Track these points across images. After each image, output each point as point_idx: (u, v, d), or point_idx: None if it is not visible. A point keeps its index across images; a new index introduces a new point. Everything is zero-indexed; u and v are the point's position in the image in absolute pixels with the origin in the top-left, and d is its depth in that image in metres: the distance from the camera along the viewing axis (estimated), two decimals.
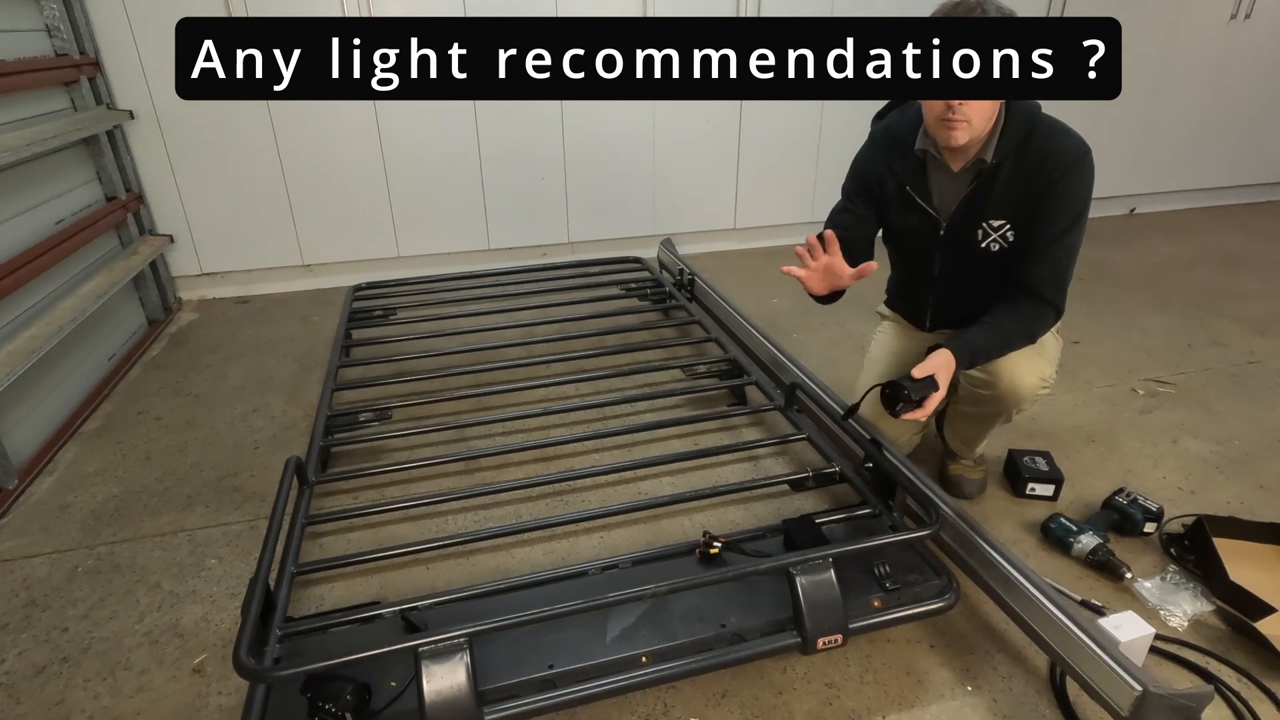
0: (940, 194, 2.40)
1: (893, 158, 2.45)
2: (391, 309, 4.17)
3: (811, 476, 2.68)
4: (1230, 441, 3.13)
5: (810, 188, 5.49)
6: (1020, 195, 2.26)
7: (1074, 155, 2.20)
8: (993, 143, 2.24)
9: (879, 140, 2.53)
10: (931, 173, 2.40)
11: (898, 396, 2.18)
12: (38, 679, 2.13)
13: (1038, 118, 2.25)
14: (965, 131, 2.14)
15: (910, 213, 2.46)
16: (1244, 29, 5.85)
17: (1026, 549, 2.55)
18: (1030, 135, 2.23)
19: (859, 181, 2.56)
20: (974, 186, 2.31)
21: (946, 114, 2.13)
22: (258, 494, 2.88)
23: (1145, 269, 5.14)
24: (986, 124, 2.18)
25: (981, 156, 2.26)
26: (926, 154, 2.37)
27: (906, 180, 2.42)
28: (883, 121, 2.56)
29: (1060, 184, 2.20)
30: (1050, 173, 2.20)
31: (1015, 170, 2.25)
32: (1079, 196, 2.23)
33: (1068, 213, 2.22)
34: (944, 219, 2.41)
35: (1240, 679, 2.08)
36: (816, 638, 1.92)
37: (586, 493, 2.86)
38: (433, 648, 1.72)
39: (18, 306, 3.18)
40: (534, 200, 5.05)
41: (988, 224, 2.33)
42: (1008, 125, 2.23)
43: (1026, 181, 2.24)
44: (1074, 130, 2.25)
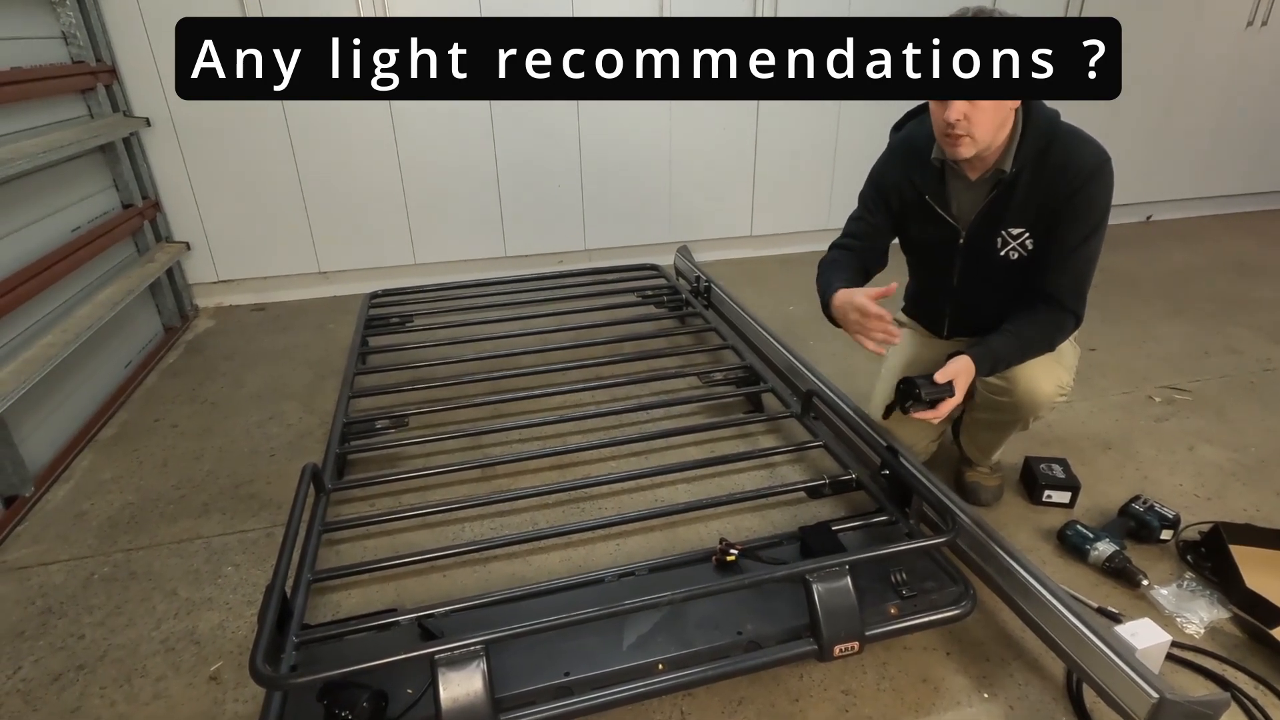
0: (959, 203, 2.40)
1: (911, 168, 2.44)
2: (408, 316, 4.19)
3: (828, 484, 2.67)
4: (1247, 449, 3.11)
5: (827, 195, 5.48)
6: (1039, 204, 2.25)
7: (1093, 164, 2.18)
8: (1011, 152, 2.22)
9: (897, 150, 2.52)
10: (950, 182, 2.40)
11: (910, 394, 2.18)
12: (54, 686, 2.14)
13: (1057, 126, 2.24)
14: (969, 146, 2.14)
15: (930, 222, 2.46)
16: (1261, 36, 5.82)
17: (1043, 556, 2.53)
18: (1050, 144, 2.21)
19: (877, 191, 2.56)
20: (993, 195, 2.30)
21: (946, 129, 2.13)
22: (274, 501, 2.89)
23: (1161, 276, 5.11)
24: (994, 135, 2.17)
25: (1000, 166, 2.25)
26: (944, 163, 2.36)
27: (925, 190, 2.42)
28: (901, 132, 2.55)
29: (1080, 192, 2.19)
30: (1070, 181, 2.19)
31: (1034, 179, 2.23)
32: (1099, 205, 2.21)
33: (1088, 221, 2.21)
34: (963, 228, 2.40)
35: (1257, 686, 2.06)
36: (833, 645, 1.92)
37: (603, 500, 2.86)
38: (449, 655, 1.72)
39: (34, 314, 3.19)
40: (550, 207, 5.06)
41: (1007, 232, 2.33)
42: (1026, 133, 2.22)
43: (1046, 190, 2.23)
44: (1093, 138, 2.24)
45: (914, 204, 2.46)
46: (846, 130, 5.30)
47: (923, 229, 2.50)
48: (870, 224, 2.57)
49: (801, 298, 4.64)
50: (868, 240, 2.57)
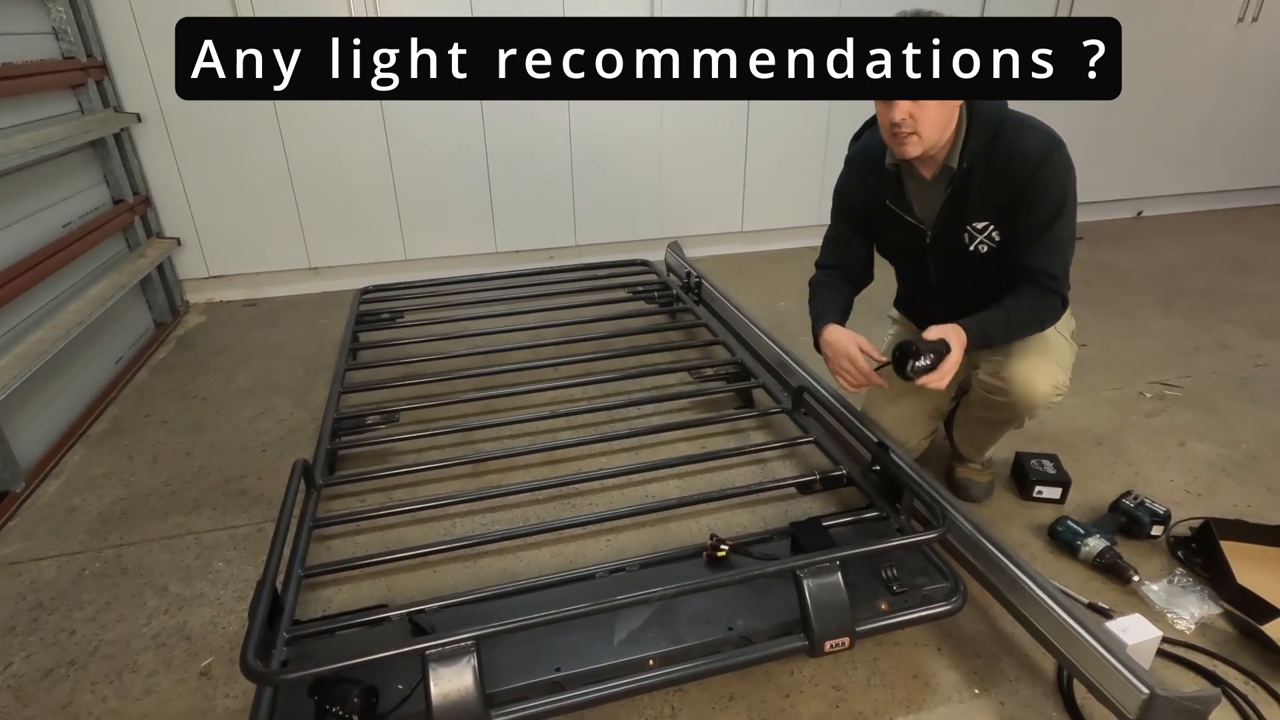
0: (920, 203, 2.41)
1: (869, 176, 2.47)
2: (399, 312, 4.18)
3: (819, 479, 2.67)
4: (1237, 444, 3.12)
5: (818, 190, 5.47)
6: (996, 196, 2.25)
7: (1041, 150, 2.18)
8: (957, 148, 2.24)
9: (855, 162, 2.55)
10: (908, 184, 2.41)
11: (908, 355, 2.18)
12: (45, 681, 2.14)
13: (1005, 117, 2.24)
14: (916, 144, 2.15)
15: (895, 226, 2.47)
16: (1252, 31, 5.84)
17: (1034, 552, 2.54)
18: (996, 136, 2.22)
19: (843, 207, 2.61)
20: (950, 192, 2.30)
21: (892, 129, 2.14)
22: (265, 497, 2.89)
23: (1152, 272, 5.13)
24: (941, 132, 2.18)
25: (948, 163, 2.26)
26: (900, 167, 2.37)
27: (885, 195, 2.43)
28: (859, 142, 2.57)
29: (1034, 179, 2.18)
30: (1020, 170, 2.19)
31: (987, 172, 2.24)
32: (1057, 188, 2.20)
33: (1049, 205, 2.20)
34: (928, 228, 2.41)
35: (1247, 682, 2.07)
36: (824, 640, 1.91)
37: (594, 495, 2.86)
38: (440, 650, 1.72)
39: (25, 309, 3.18)
40: (541, 203, 5.06)
41: (972, 228, 2.33)
42: (971, 128, 2.23)
43: (999, 182, 2.23)
44: (1042, 125, 2.24)
45: (877, 210, 2.48)
46: (837, 126, 5.29)
47: (890, 233, 2.52)
48: (844, 241, 2.63)
49: (792, 293, 4.64)
50: (845, 256, 2.63)
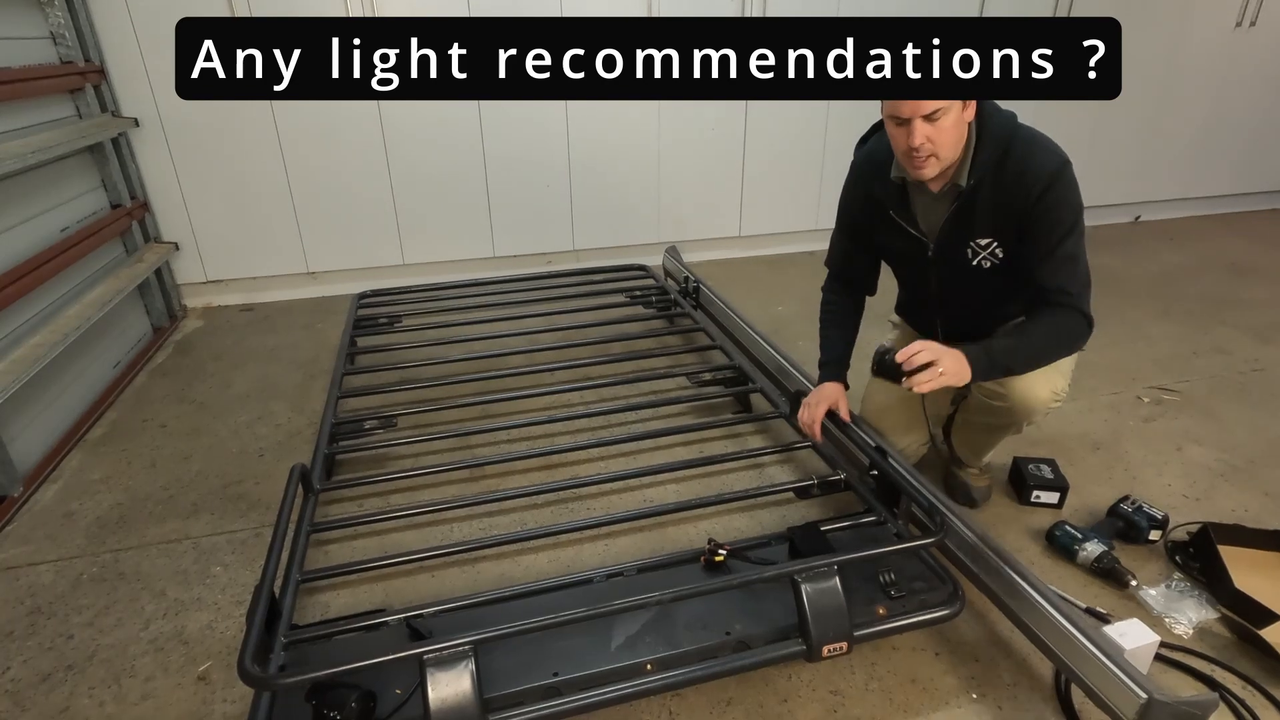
0: (924, 216, 2.40)
1: (875, 184, 2.45)
2: (396, 316, 4.19)
3: (816, 484, 2.67)
4: (1235, 449, 3.12)
5: (815, 196, 5.50)
6: (1002, 213, 2.23)
7: (1050, 170, 2.15)
8: (966, 165, 2.22)
9: (861, 168, 2.53)
10: (914, 195, 2.40)
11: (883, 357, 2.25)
12: (43, 686, 2.13)
13: (1015, 133, 2.21)
14: (935, 165, 2.15)
15: (898, 236, 2.46)
16: (1249, 36, 5.85)
17: (1031, 556, 2.54)
18: (1006, 153, 2.19)
19: (848, 215, 2.61)
20: (955, 207, 2.28)
21: (911, 153, 2.13)
22: (262, 502, 2.88)
23: (1150, 276, 5.13)
24: (956, 149, 2.17)
25: (956, 180, 2.24)
26: (905, 178, 2.35)
27: (890, 205, 2.42)
28: (865, 147, 2.55)
29: (1044, 198, 2.15)
30: (1029, 189, 2.16)
31: (994, 189, 2.22)
32: (1068, 207, 2.18)
33: (1062, 222, 2.18)
34: (931, 240, 2.39)
35: (1245, 686, 2.07)
36: (821, 645, 1.92)
37: (591, 500, 2.86)
38: (438, 655, 1.72)
39: (23, 314, 3.18)
40: (539, 208, 5.06)
41: (975, 243, 2.32)
42: (980, 145, 2.20)
43: (1006, 200, 2.21)
44: (1051, 143, 2.22)
45: (881, 219, 2.48)
46: (835, 130, 5.31)
47: (892, 242, 2.51)
48: (849, 248, 2.64)
49: (790, 298, 4.65)
50: (850, 261, 2.66)
